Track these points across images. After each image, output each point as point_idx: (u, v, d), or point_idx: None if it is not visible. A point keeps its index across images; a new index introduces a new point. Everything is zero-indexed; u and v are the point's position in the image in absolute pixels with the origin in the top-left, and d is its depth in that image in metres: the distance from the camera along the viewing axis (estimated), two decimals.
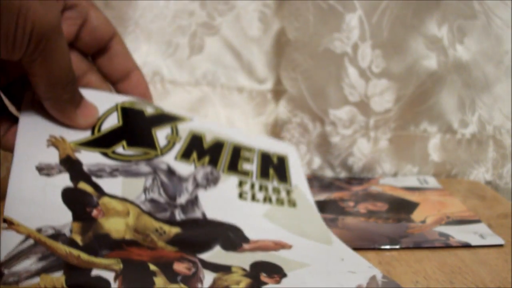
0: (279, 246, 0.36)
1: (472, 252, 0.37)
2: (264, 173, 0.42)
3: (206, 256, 0.33)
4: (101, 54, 0.37)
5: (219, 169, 0.40)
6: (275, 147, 0.45)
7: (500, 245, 0.38)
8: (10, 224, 0.29)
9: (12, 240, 0.29)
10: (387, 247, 0.37)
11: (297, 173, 0.44)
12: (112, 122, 0.36)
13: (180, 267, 0.32)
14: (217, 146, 0.41)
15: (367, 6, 0.45)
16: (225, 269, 0.32)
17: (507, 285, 0.32)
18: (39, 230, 0.30)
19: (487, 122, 0.51)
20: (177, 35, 0.49)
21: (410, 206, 0.44)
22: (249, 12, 0.49)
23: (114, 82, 0.39)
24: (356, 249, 0.36)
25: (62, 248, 0.30)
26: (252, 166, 0.42)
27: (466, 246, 0.37)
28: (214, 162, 0.40)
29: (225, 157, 0.41)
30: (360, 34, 0.46)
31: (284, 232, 0.38)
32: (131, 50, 0.40)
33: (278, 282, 0.31)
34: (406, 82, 0.49)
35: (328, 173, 0.52)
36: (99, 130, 0.36)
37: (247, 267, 0.33)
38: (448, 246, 0.37)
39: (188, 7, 0.49)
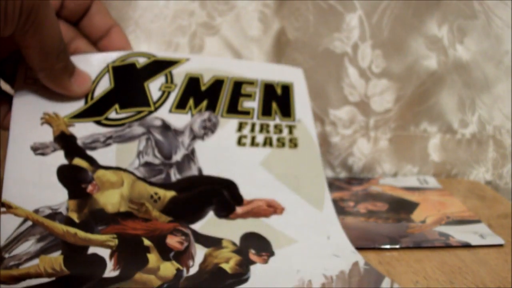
0: (271, 209, 0.36)
1: (472, 252, 0.37)
2: (266, 110, 0.40)
3: (199, 226, 0.34)
4: (82, 17, 0.37)
5: (217, 113, 0.38)
6: (280, 73, 0.42)
7: (500, 245, 0.38)
8: (8, 207, 0.30)
9: (11, 224, 0.29)
10: (387, 247, 0.37)
11: (302, 102, 0.42)
12: (105, 85, 0.36)
13: (173, 241, 0.32)
14: (216, 85, 0.39)
15: (367, 6, 0.45)
16: (216, 244, 0.33)
17: (507, 285, 0.32)
18: (37, 211, 0.30)
19: (487, 122, 0.51)
20: (177, 35, 0.49)
21: (410, 206, 0.44)
22: (249, 12, 0.49)
23: (95, 41, 0.38)
24: (356, 249, 0.36)
25: (59, 227, 0.30)
26: (253, 103, 0.40)
27: (466, 246, 0.37)
28: (212, 105, 0.38)
29: (224, 97, 0.39)
30: (360, 34, 0.46)
31: (279, 184, 0.38)
32: None
33: (266, 261, 0.32)
34: (406, 82, 0.49)
35: (328, 173, 0.52)
36: (92, 97, 0.36)
37: (237, 240, 0.33)
38: (448, 246, 0.37)
39: (188, 7, 0.49)
